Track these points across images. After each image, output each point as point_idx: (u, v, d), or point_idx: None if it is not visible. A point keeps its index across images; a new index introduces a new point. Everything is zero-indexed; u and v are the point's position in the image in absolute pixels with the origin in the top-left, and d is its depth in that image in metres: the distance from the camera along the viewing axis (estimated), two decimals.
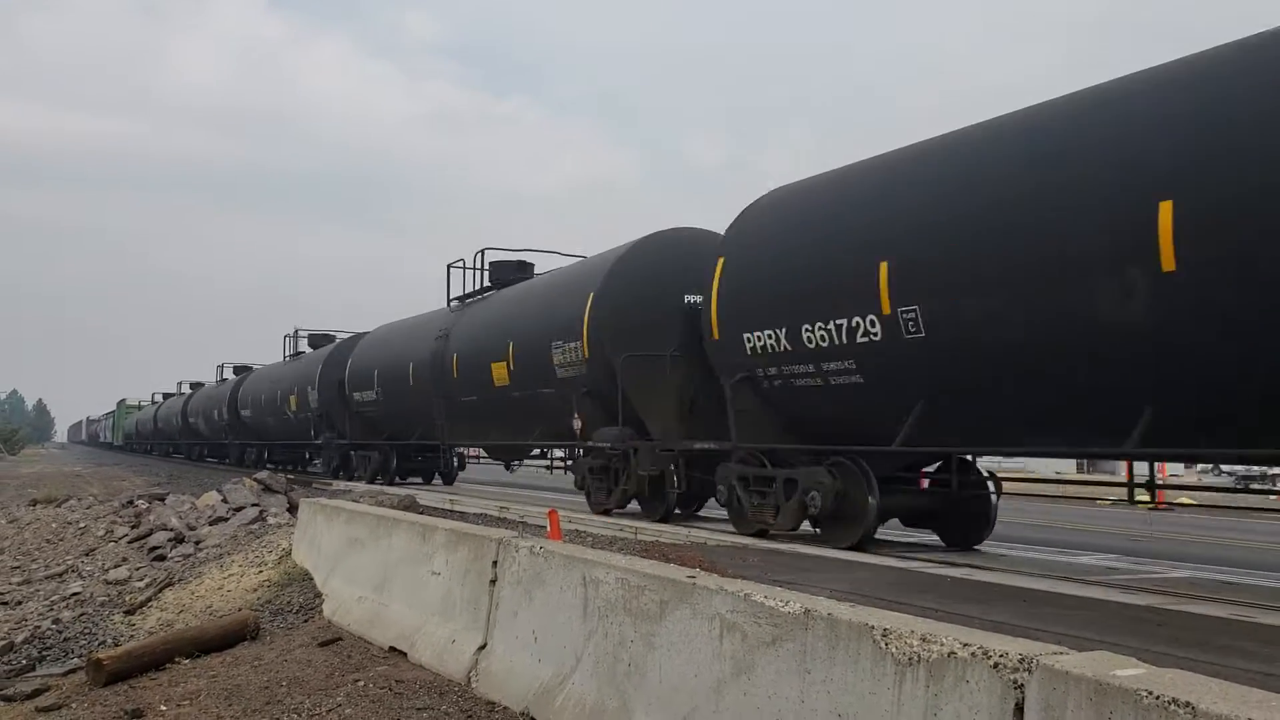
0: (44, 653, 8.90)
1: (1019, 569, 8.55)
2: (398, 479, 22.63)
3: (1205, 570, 9.00)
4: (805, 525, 10.46)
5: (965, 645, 3.17)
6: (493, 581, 6.02)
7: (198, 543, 12.55)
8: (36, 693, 7.28)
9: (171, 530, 13.34)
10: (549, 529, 8.64)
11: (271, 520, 13.18)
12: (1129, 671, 2.75)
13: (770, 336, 10.09)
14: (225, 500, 15.07)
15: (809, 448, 10.23)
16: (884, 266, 8.78)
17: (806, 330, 9.63)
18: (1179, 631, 5.58)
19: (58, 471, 38.15)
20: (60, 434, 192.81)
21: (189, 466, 38.92)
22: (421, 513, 10.96)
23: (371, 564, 7.93)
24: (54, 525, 16.38)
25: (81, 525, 15.81)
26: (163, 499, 16.95)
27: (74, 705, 6.69)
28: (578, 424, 13.89)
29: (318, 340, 30.76)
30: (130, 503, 17.30)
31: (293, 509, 13.53)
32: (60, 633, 9.42)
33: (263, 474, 17.83)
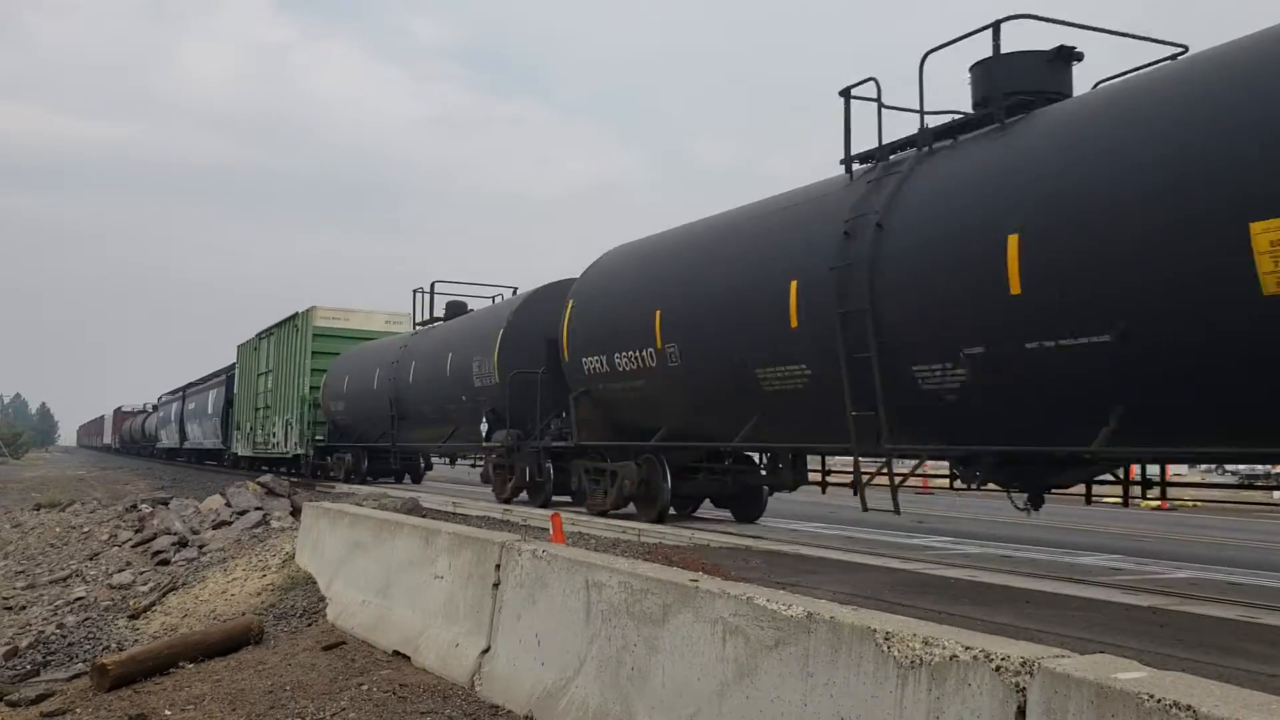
0: (48, 657, 8.91)
1: (1020, 569, 8.55)
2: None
3: (1208, 570, 8.99)
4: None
5: (967, 648, 3.17)
6: (496, 585, 6.03)
7: (201, 547, 12.58)
8: (41, 698, 7.29)
9: (175, 534, 13.38)
10: (552, 532, 8.66)
11: (275, 524, 13.21)
12: (1130, 674, 2.75)
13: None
14: (229, 504, 15.11)
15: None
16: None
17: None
18: (1181, 633, 5.59)
19: (61, 475, 38.22)
20: (65, 437, 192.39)
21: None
22: (424, 516, 10.97)
23: (374, 568, 7.94)
24: (58, 530, 16.43)
25: (85, 530, 15.86)
26: (166, 503, 16.99)
27: (79, 710, 6.70)
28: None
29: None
30: (134, 507, 17.35)
31: (295, 512, 13.55)
32: (64, 637, 9.43)
33: (266, 477, 17.87)
